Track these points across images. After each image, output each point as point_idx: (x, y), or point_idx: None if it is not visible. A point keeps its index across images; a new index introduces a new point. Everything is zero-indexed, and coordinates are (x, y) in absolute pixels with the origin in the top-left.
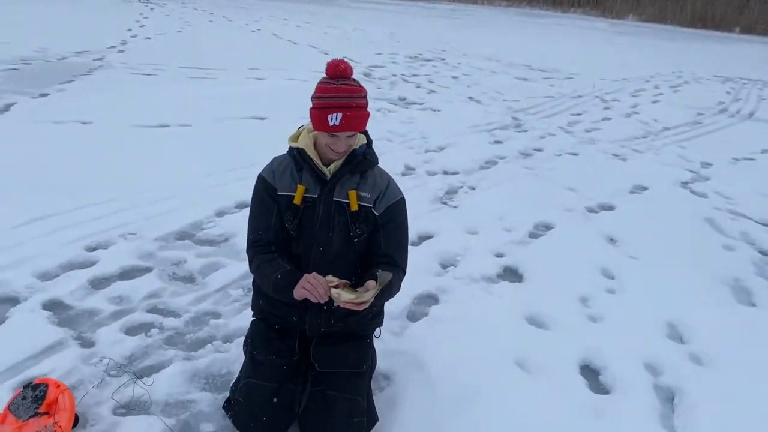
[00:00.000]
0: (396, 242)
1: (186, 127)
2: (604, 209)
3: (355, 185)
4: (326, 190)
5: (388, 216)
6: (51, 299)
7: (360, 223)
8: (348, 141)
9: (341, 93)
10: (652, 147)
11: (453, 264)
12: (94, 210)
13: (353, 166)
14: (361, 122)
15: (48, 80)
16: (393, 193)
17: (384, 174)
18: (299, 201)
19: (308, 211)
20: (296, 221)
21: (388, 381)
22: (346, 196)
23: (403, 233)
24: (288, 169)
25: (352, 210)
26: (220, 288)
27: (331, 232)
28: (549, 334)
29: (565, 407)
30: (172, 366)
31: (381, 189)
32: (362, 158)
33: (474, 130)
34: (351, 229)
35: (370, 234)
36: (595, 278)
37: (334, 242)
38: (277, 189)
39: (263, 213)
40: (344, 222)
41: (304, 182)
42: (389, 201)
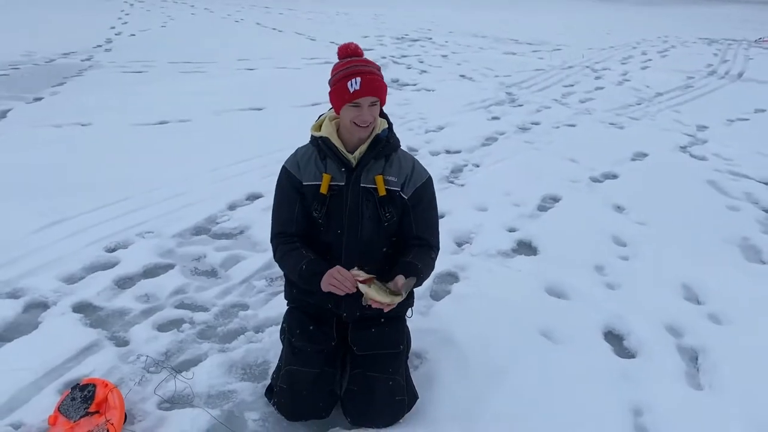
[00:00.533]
0: (427, 223)
1: (185, 122)
2: (608, 178)
3: (381, 170)
4: (353, 178)
5: (417, 198)
6: (80, 302)
7: (389, 208)
8: (371, 111)
9: (357, 63)
10: (647, 113)
11: (467, 241)
12: (109, 211)
13: (377, 151)
14: (380, 88)
15: (39, 84)
16: (419, 175)
17: (408, 156)
18: (326, 190)
19: (335, 200)
20: (324, 210)
21: (421, 359)
22: (373, 181)
23: (432, 213)
24: (312, 158)
25: (380, 195)
26: (243, 280)
27: (360, 218)
28: (570, 303)
29: (594, 373)
30: (209, 359)
31: (407, 172)
32: (386, 142)
33: (470, 107)
34: (381, 215)
35: (400, 217)
36: (607, 246)
37: (364, 229)
38: (303, 179)
39: (286, 205)
40: (373, 208)
41: (329, 171)
42: (416, 183)
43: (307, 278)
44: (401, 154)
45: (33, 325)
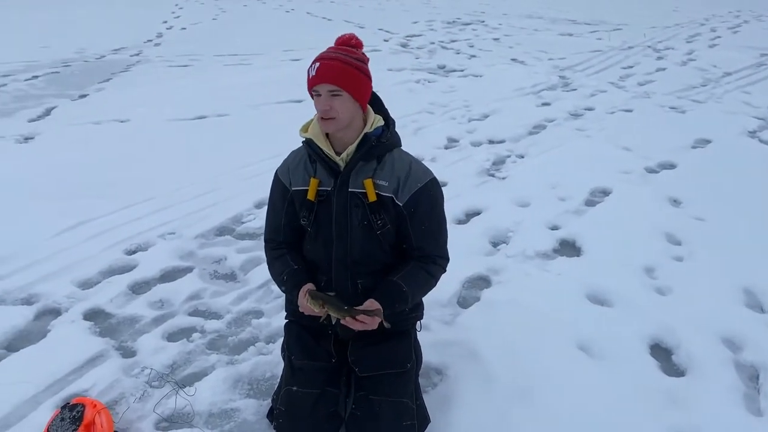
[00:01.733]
0: (427, 232)
1: (223, 116)
2: (665, 168)
3: (371, 173)
4: (340, 182)
5: (414, 204)
6: (92, 308)
7: (381, 215)
8: (333, 102)
9: (330, 50)
10: (713, 95)
11: (504, 241)
12: (133, 211)
13: (365, 152)
14: (343, 75)
15: (87, 81)
16: (416, 178)
17: (405, 157)
18: (313, 196)
19: (324, 206)
20: (312, 217)
21: (441, 376)
22: (362, 185)
23: (433, 220)
24: (302, 161)
25: (370, 201)
26: (261, 284)
27: (350, 227)
28: (613, 312)
29: (636, 394)
30: (215, 372)
31: (401, 175)
32: (376, 141)
33: (519, 93)
34: (372, 222)
35: (398, 226)
36: (660, 245)
37: (354, 237)
38: (292, 185)
39: (273, 213)
40: (363, 214)
41: (317, 175)
42: (412, 188)
43: (289, 290)
44: (397, 154)
45: (42, 334)
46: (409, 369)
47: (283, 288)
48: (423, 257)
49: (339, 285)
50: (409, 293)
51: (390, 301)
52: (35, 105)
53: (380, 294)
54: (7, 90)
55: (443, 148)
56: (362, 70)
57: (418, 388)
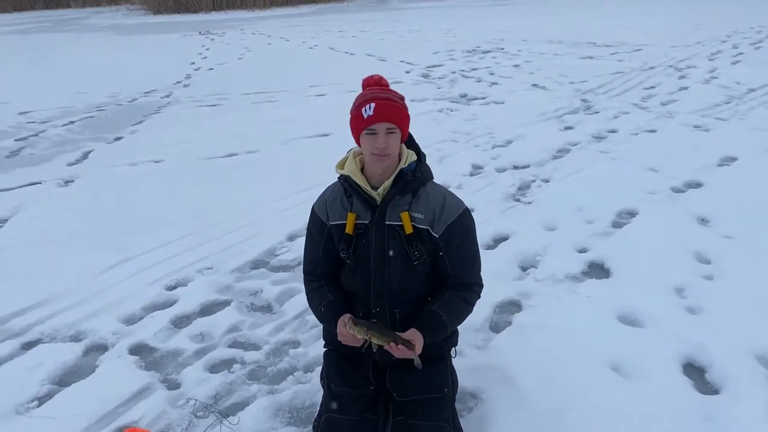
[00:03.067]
0: (463, 261)
1: (253, 153)
2: (692, 187)
3: (407, 206)
4: (377, 215)
5: (449, 236)
6: (136, 343)
7: (417, 246)
8: (389, 139)
9: (374, 91)
10: (737, 113)
11: (533, 265)
12: (172, 248)
13: (402, 186)
14: (397, 114)
15: (121, 124)
16: (450, 211)
17: (438, 190)
18: (351, 229)
19: (362, 239)
20: (351, 250)
21: (476, 400)
22: (399, 218)
23: (468, 250)
24: (338, 197)
25: (406, 233)
26: (296, 315)
27: (388, 258)
28: (645, 332)
29: (671, 413)
30: (257, 402)
31: (436, 208)
32: (411, 176)
33: (542, 118)
34: (409, 253)
35: (434, 256)
36: (689, 265)
37: (392, 269)
38: (329, 219)
39: (311, 247)
40: (400, 246)
41: (354, 209)
42: (447, 220)
43: (327, 320)
44: (431, 188)
45: (91, 369)
46: (446, 394)
47: (320, 319)
48: (459, 285)
49: (378, 315)
50: (448, 321)
51: (431, 330)
52: (73, 149)
53: (421, 324)
54: (47, 135)
55: (468, 175)
56: (406, 109)
57: (455, 412)
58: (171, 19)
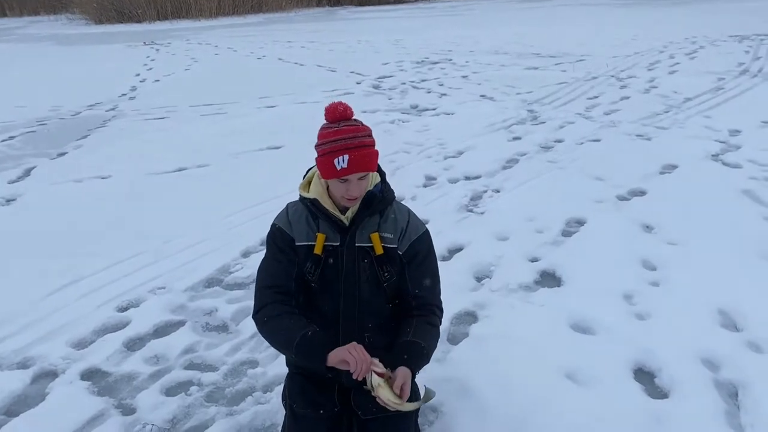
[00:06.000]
0: (423, 280)
1: (204, 167)
2: (636, 195)
3: (376, 227)
4: (348, 237)
5: (412, 252)
6: (88, 368)
7: (387, 267)
8: (361, 184)
9: (344, 134)
10: (676, 121)
11: (487, 275)
12: (122, 267)
13: (372, 208)
14: (370, 161)
15: (64, 139)
16: (415, 228)
17: (403, 209)
18: (320, 251)
19: (330, 261)
20: (318, 272)
21: (437, 413)
22: (369, 239)
23: (429, 268)
24: (303, 217)
25: (377, 254)
26: (253, 334)
27: (358, 281)
28: (596, 339)
29: (624, 418)
30: (216, 424)
31: (402, 226)
32: (380, 198)
33: (491, 129)
34: (379, 276)
35: (398, 277)
36: (636, 271)
37: (362, 291)
38: (295, 239)
39: (283, 261)
40: (371, 267)
41: (322, 230)
42: (411, 237)
43: (312, 348)
44: (396, 207)
45: (40, 397)
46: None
47: (296, 345)
48: (420, 306)
49: (347, 339)
50: (428, 349)
51: (417, 362)
52: (14, 166)
53: (406, 359)
54: None
55: (422, 186)
56: (375, 146)
57: (417, 428)
58: (114, 29)
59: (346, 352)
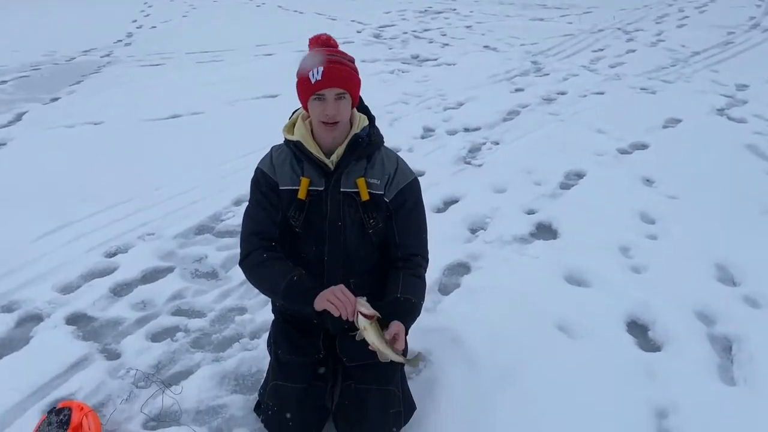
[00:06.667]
0: (411, 230)
1: (198, 114)
2: (637, 149)
3: (362, 172)
4: (332, 182)
5: (399, 201)
6: (74, 312)
7: (373, 213)
8: (339, 105)
9: (321, 53)
10: (682, 75)
11: (482, 227)
12: (112, 213)
13: (358, 152)
14: (348, 79)
15: (58, 84)
16: (403, 175)
17: (392, 155)
18: (304, 195)
19: (315, 206)
20: (302, 217)
21: (425, 362)
22: (354, 185)
23: (416, 218)
24: (287, 161)
25: (363, 200)
26: (243, 281)
27: (343, 227)
28: (591, 292)
29: (615, 370)
30: (201, 370)
31: (390, 172)
32: (367, 141)
33: (493, 80)
34: (365, 222)
35: (385, 224)
36: (634, 225)
37: (348, 238)
38: (279, 183)
39: (267, 207)
40: (356, 214)
41: (306, 174)
42: (399, 184)
43: (298, 293)
44: (385, 152)
45: (24, 340)
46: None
47: (283, 290)
48: (406, 257)
49: (332, 284)
50: (418, 303)
51: (410, 318)
52: (6, 110)
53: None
54: None
55: (419, 138)
56: (357, 72)
57: (403, 376)
58: None
59: (330, 294)
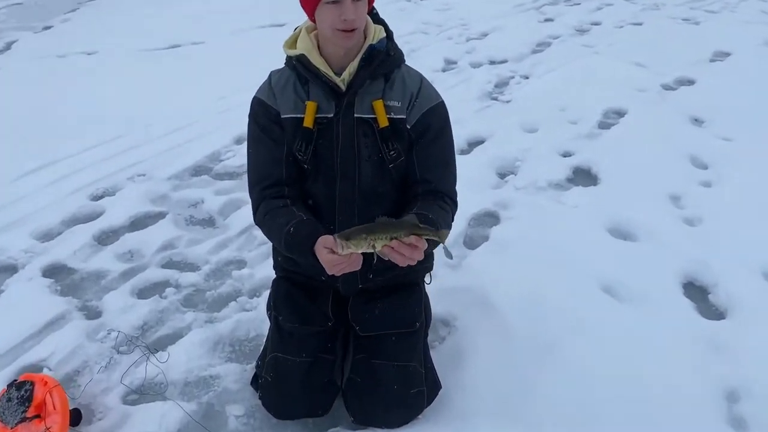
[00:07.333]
0: (435, 162)
1: (199, 45)
2: (683, 84)
3: (380, 93)
4: (344, 106)
5: (423, 127)
6: (52, 263)
7: (394, 143)
8: (357, 8)
9: None
10: (727, 4)
11: (512, 171)
12: (100, 151)
13: (374, 68)
14: None
15: (52, 11)
16: (427, 97)
17: (414, 73)
18: (311, 123)
19: (324, 136)
20: (310, 150)
21: (449, 328)
22: (371, 109)
23: (443, 149)
24: (290, 84)
25: (381, 127)
26: (243, 230)
27: (357, 159)
28: (639, 247)
29: (674, 342)
30: (191, 333)
31: (412, 92)
32: (385, 55)
33: (519, 9)
34: (383, 153)
35: (407, 156)
36: (685, 170)
37: (363, 172)
38: (281, 111)
39: (268, 144)
40: (373, 144)
41: (313, 97)
42: (423, 107)
43: (297, 244)
44: (406, 70)
45: None
46: (417, 329)
47: (285, 244)
48: (430, 193)
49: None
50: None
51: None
52: None
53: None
54: None
55: (440, 71)
56: None
57: (427, 350)
58: None
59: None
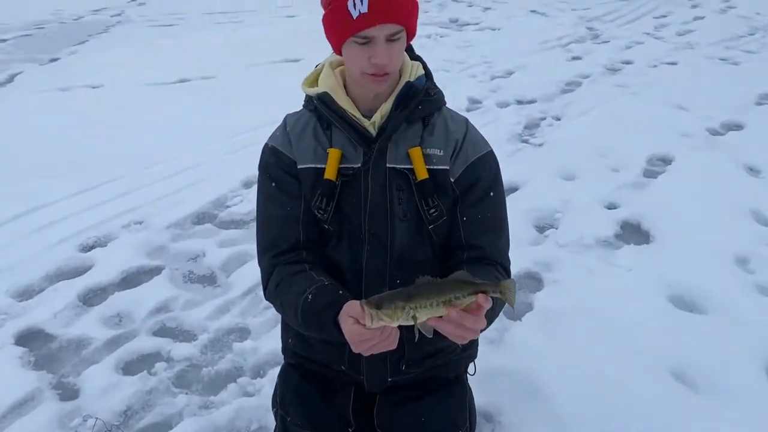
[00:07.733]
0: (486, 222)
1: (209, 79)
2: (731, 129)
3: (418, 139)
4: (375, 153)
5: (470, 180)
6: (28, 327)
7: (434, 199)
8: (392, 49)
9: None
10: (765, 45)
11: (552, 225)
12: (93, 195)
13: (411, 110)
14: (404, 6)
15: (60, 44)
16: (475, 144)
17: (458, 117)
18: (334, 174)
19: (349, 190)
20: (332, 206)
21: (493, 425)
22: (407, 158)
23: (495, 207)
24: (309, 128)
25: (419, 179)
26: (247, 290)
27: (391, 218)
28: (708, 321)
29: None
30: (183, 423)
31: (457, 139)
32: (424, 95)
33: (544, 46)
34: (422, 211)
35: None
36: (748, 227)
37: (397, 235)
38: (297, 161)
39: (283, 201)
40: (409, 200)
41: (336, 144)
42: (469, 157)
43: (311, 318)
44: (448, 113)
45: None
46: None
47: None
48: (478, 260)
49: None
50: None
51: None
52: None
53: None
54: None
55: (465, 111)
56: None
57: None
58: None
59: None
